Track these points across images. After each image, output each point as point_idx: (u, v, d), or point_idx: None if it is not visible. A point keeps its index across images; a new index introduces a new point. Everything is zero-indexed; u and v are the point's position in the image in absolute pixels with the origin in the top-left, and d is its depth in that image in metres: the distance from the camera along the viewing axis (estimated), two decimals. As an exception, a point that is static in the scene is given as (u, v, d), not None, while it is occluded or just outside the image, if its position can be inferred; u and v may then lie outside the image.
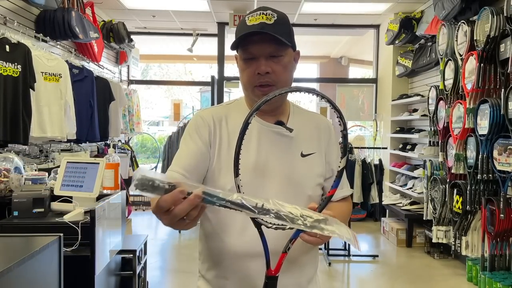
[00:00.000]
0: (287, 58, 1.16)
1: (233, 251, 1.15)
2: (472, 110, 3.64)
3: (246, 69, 1.15)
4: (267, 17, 1.11)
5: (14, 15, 3.57)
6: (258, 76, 1.13)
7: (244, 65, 1.16)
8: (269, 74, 1.13)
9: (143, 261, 2.79)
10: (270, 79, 1.14)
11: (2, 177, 2.53)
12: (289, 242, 0.94)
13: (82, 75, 4.32)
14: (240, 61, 1.17)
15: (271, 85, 1.15)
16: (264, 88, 1.15)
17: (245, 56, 1.15)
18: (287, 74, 1.17)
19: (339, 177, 0.96)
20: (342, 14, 5.99)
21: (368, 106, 6.71)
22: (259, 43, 1.11)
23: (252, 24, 1.11)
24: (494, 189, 3.61)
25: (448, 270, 4.25)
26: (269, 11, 1.13)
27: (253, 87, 1.16)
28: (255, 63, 1.13)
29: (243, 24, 1.13)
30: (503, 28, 3.37)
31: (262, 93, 1.14)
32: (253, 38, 1.11)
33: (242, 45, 1.14)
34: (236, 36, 1.16)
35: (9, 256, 1.23)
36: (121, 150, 5.60)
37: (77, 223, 2.07)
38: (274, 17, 1.12)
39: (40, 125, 3.49)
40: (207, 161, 1.17)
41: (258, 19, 1.11)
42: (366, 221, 6.27)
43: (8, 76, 3.13)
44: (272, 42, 1.11)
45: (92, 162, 2.31)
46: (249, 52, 1.13)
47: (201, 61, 10.32)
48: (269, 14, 1.12)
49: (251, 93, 1.18)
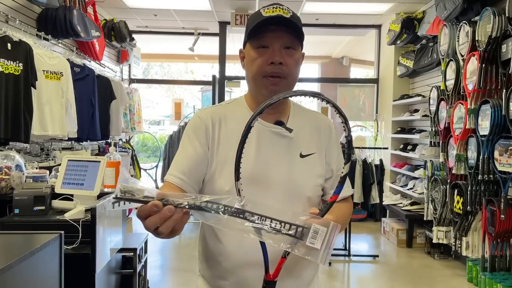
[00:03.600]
0: (298, 55, 1.17)
1: (231, 252, 1.14)
2: (473, 111, 3.63)
3: (258, 58, 1.14)
4: (284, 11, 1.12)
5: (16, 13, 3.58)
6: (271, 66, 1.12)
7: (256, 54, 1.14)
8: (282, 66, 1.13)
9: (143, 260, 2.79)
10: (282, 70, 1.13)
11: (3, 174, 2.53)
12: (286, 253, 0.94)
13: (84, 74, 4.32)
14: (252, 50, 1.16)
15: (282, 77, 1.14)
16: (275, 79, 1.14)
17: (259, 45, 1.14)
18: (297, 70, 1.18)
19: (342, 183, 0.94)
20: (343, 14, 5.99)
21: (369, 106, 6.70)
22: (275, 32, 1.12)
23: (269, 15, 1.11)
24: (494, 190, 3.61)
25: (448, 271, 4.25)
26: (285, 6, 1.15)
27: (262, 77, 1.15)
28: (269, 53, 1.13)
29: (258, 15, 1.13)
30: (505, 29, 3.36)
31: (272, 84, 1.14)
32: (270, 27, 1.12)
33: (258, 33, 1.13)
34: (249, 26, 1.16)
35: (10, 254, 1.23)
36: (122, 149, 5.60)
37: (78, 221, 2.07)
38: (290, 13, 1.13)
39: (41, 123, 3.49)
40: (205, 163, 1.17)
41: (275, 11, 1.12)
42: (367, 221, 6.27)
43: (10, 74, 3.13)
44: (289, 34, 1.12)
45: (93, 160, 2.32)
46: (264, 40, 1.13)
47: (203, 61, 10.31)
48: (285, 9, 1.14)
49: (259, 84, 1.16)
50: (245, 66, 1.22)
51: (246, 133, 0.89)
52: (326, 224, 0.84)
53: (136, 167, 5.97)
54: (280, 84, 1.14)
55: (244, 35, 1.20)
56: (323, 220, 0.89)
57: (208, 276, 1.21)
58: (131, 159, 5.74)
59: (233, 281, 1.16)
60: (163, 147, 6.66)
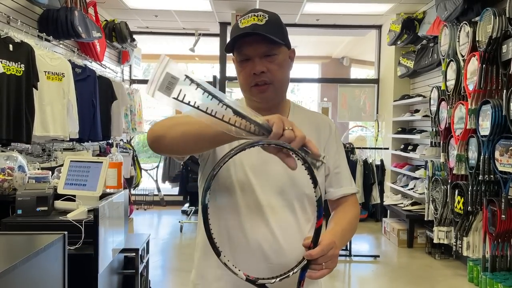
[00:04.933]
0: (282, 57, 1.17)
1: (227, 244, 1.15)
2: (474, 111, 3.64)
3: (242, 71, 1.17)
4: (259, 18, 1.13)
5: (17, 14, 3.59)
6: (254, 77, 1.14)
7: (240, 67, 1.17)
8: (265, 73, 1.14)
9: (145, 260, 2.80)
10: (266, 77, 1.15)
11: (6, 175, 2.54)
12: (299, 285, 0.96)
13: (85, 75, 4.33)
14: (236, 63, 1.19)
15: (268, 83, 1.16)
16: (261, 87, 1.16)
17: (240, 58, 1.17)
18: (283, 72, 1.19)
19: (320, 206, 0.94)
20: (344, 14, 6.00)
21: (369, 107, 6.71)
22: (252, 44, 1.13)
23: (244, 26, 1.13)
24: (495, 190, 3.61)
25: (449, 271, 4.25)
26: (260, 12, 1.15)
27: (250, 88, 1.17)
28: (250, 64, 1.14)
29: (236, 27, 1.15)
30: (505, 29, 3.37)
31: (259, 92, 1.16)
32: (246, 40, 1.13)
33: (236, 47, 1.16)
34: (230, 38, 1.18)
35: (14, 254, 1.24)
36: (123, 149, 5.61)
37: (81, 222, 2.08)
38: (266, 18, 1.13)
39: (43, 124, 3.50)
40: (205, 154, 1.20)
41: (249, 21, 1.13)
42: (367, 222, 6.27)
43: (12, 75, 3.14)
44: (265, 42, 1.12)
45: (95, 161, 2.32)
46: (243, 54, 1.15)
47: (203, 61, 10.31)
48: (260, 15, 1.14)
49: (248, 93, 1.19)
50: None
51: (204, 213, 0.90)
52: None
53: (137, 167, 5.98)
54: (268, 90, 1.17)
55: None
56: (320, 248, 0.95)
57: (203, 266, 1.21)
58: (132, 159, 5.75)
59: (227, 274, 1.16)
60: (164, 148, 6.65)
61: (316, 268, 0.97)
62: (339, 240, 1.06)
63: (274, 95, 1.18)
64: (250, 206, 1.14)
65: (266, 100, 1.18)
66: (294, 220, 1.16)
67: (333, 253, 0.99)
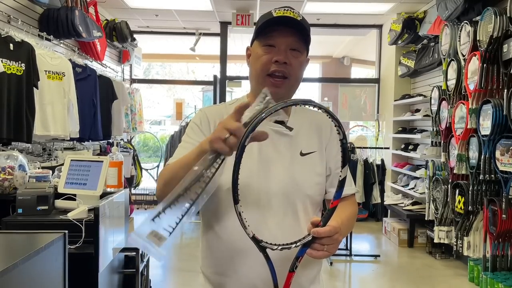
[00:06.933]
0: (303, 57, 1.19)
1: (231, 248, 1.14)
2: (475, 111, 3.64)
3: (264, 55, 1.16)
4: (294, 14, 1.15)
5: (18, 14, 3.59)
6: (275, 64, 1.14)
7: (262, 51, 1.16)
8: (286, 65, 1.14)
9: (146, 259, 2.80)
10: (286, 70, 1.15)
11: (7, 174, 2.54)
12: (296, 261, 0.95)
13: (85, 74, 4.33)
14: (259, 48, 1.18)
15: (285, 77, 1.16)
16: (276, 80, 1.15)
17: (266, 43, 1.16)
18: (300, 71, 1.19)
19: (341, 188, 0.94)
20: (345, 14, 5.99)
21: (370, 106, 6.70)
22: (283, 33, 1.14)
23: (279, 15, 1.14)
24: (496, 190, 3.61)
25: (449, 271, 4.25)
26: (296, 11, 1.17)
27: (265, 76, 1.16)
28: (274, 52, 1.15)
29: (268, 14, 1.16)
30: (506, 29, 3.37)
31: (274, 85, 1.14)
32: (278, 28, 1.14)
33: (266, 32, 1.15)
34: (258, 24, 1.18)
35: (15, 253, 1.24)
36: (123, 149, 5.61)
37: (81, 221, 2.07)
38: (300, 17, 1.16)
39: (43, 123, 3.50)
40: None
41: (285, 13, 1.14)
42: (368, 221, 6.28)
43: (12, 75, 3.14)
44: (296, 36, 1.14)
45: (96, 160, 2.32)
46: (271, 39, 1.15)
47: (204, 61, 10.32)
48: (296, 13, 1.16)
49: (261, 82, 1.17)
50: (249, 64, 1.23)
51: (240, 153, 0.87)
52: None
53: (137, 167, 5.98)
54: (282, 86, 1.16)
55: (253, 33, 1.22)
56: (328, 228, 0.92)
57: (209, 273, 1.22)
58: (133, 159, 5.75)
59: (234, 278, 1.16)
60: (164, 147, 6.67)
61: (317, 248, 0.96)
62: (343, 228, 1.07)
63: (285, 93, 1.18)
64: (251, 206, 1.13)
65: (277, 96, 1.15)
66: (296, 222, 1.16)
67: (337, 237, 0.99)
